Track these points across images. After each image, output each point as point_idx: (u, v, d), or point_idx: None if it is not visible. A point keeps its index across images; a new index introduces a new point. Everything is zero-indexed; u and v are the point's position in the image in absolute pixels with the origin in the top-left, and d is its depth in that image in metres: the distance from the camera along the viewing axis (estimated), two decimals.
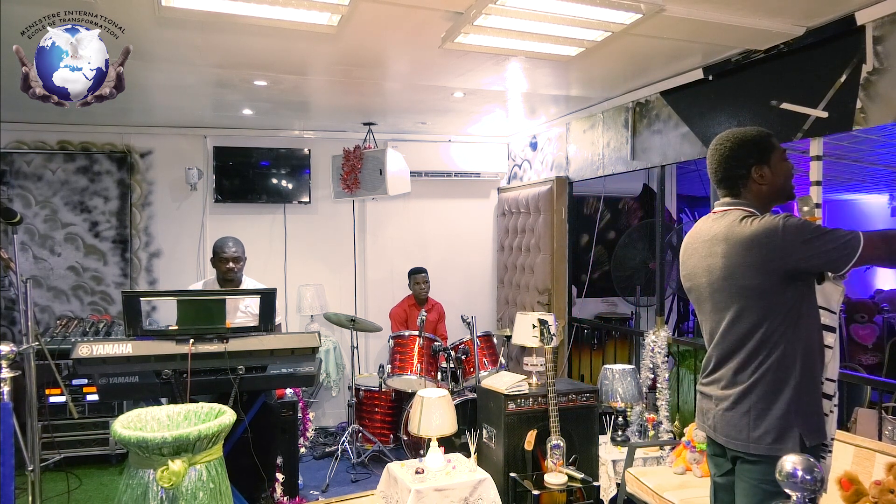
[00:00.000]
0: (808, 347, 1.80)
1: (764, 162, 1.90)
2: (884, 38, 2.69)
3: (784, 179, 1.92)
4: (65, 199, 5.17)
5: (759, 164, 1.90)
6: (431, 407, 3.29)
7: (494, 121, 5.35)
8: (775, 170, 1.90)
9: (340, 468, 4.57)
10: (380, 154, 5.13)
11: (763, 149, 1.91)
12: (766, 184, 1.90)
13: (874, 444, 2.66)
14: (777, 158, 1.91)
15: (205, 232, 5.47)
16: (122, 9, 2.57)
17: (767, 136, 1.93)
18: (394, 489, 3.24)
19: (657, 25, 2.77)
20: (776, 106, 3.20)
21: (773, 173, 1.90)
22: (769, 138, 1.93)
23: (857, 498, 2.46)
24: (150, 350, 2.69)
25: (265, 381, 2.86)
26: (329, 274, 5.84)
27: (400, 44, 3.22)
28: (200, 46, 3.22)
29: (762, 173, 1.90)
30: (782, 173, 1.92)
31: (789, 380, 1.77)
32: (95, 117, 4.93)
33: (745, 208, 1.90)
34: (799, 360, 1.78)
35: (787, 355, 1.77)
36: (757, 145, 1.91)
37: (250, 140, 5.54)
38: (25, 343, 2.97)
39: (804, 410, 1.76)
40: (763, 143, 1.91)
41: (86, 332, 4.70)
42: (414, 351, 4.66)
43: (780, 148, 1.93)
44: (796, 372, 1.77)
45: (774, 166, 1.90)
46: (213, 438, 2.07)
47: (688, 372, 4.87)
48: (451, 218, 6.21)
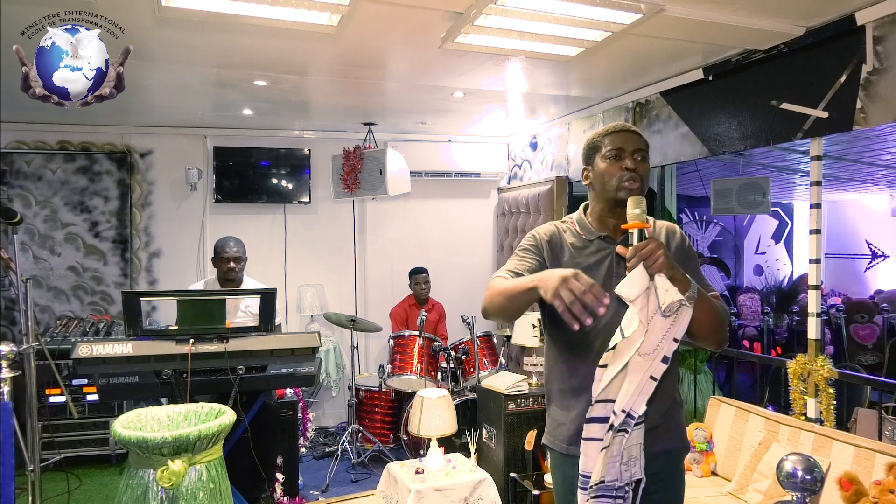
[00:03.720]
0: (552, 360, 1.83)
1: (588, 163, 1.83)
2: (884, 38, 2.69)
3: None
4: (65, 199, 5.16)
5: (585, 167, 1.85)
6: (431, 407, 3.29)
7: (494, 121, 5.35)
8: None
9: (340, 468, 4.57)
10: (380, 154, 5.13)
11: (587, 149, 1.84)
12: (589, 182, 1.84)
13: (874, 444, 2.65)
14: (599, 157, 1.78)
15: (205, 232, 5.47)
16: (122, 9, 2.57)
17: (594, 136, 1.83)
18: (394, 489, 3.24)
19: (657, 25, 2.77)
20: (776, 106, 3.20)
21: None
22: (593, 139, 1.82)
23: (857, 498, 2.46)
24: (150, 350, 2.69)
25: (265, 381, 2.86)
26: (329, 274, 5.84)
27: (400, 44, 3.22)
28: (200, 46, 3.21)
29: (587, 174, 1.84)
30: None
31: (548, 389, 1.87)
32: (95, 117, 4.93)
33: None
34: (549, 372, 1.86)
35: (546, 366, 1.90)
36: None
37: (250, 140, 5.54)
38: (25, 343, 2.97)
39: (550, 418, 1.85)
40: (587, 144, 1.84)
41: (86, 332, 4.70)
42: (414, 351, 4.66)
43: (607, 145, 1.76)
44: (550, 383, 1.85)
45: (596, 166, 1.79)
46: (213, 438, 2.07)
47: (687, 372, 4.87)
48: (451, 218, 6.21)
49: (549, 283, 1.47)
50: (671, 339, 1.58)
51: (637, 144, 1.73)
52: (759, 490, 2.90)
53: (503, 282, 1.68)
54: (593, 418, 1.60)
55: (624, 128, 1.77)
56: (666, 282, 1.55)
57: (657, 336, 1.56)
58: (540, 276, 1.54)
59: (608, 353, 1.56)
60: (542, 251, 1.77)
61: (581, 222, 1.82)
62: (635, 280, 1.55)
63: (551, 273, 1.51)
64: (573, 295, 1.42)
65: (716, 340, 1.74)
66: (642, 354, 1.55)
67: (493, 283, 1.71)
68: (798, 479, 2.46)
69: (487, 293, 1.70)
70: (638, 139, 1.75)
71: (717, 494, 3.06)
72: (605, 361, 1.57)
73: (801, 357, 3.11)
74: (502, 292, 1.64)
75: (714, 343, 1.75)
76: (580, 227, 1.82)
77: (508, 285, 1.64)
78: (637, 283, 1.55)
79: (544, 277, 1.52)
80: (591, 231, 1.79)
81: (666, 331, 1.57)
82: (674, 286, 1.55)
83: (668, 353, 1.58)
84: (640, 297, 1.54)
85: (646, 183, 1.74)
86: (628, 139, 1.74)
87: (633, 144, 1.73)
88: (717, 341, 1.74)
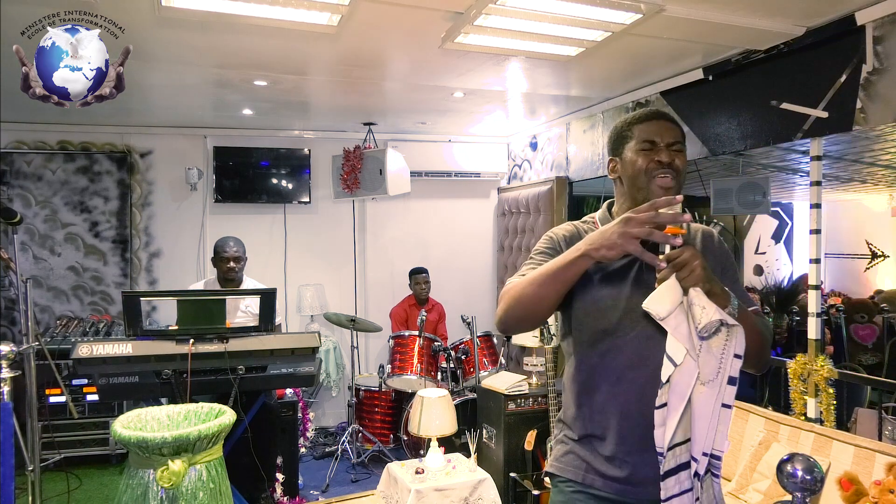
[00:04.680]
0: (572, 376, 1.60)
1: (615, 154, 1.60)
2: (884, 38, 2.69)
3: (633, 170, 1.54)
4: (65, 199, 5.16)
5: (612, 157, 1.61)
6: (431, 407, 3.28)
7: (494, 121, 5.35)
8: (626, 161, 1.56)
9: (340, 468, 4.57)
10: (380, 154, 5.13)
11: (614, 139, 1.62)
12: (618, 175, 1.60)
13: (874, 444, 2.65)
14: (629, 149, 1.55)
15: (205, 232, 5.47)
16: (122, 9, 2.57)
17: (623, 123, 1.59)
18: (394, 489, 3.24)
19: (657, 25, 2.77)
20: (776, 106, 3.20)
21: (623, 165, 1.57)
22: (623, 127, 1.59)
23: (857, 498, 2.46)
24: (150, 350, 2.69)
25: (265, 381, 2.86)
26: (329, 274, 5.84)
27: (400, 44, 3.22)
28: (200, 46, 3.21)
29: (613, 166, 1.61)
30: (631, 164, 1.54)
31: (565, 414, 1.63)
32: (95, 117, 4.93)
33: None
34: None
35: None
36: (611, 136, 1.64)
37: (250, 140, 5.54)
38: (25, 343, 2.97)
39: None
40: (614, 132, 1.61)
41: (86, 332, 4.70)
42: (414, 351, 4.66)
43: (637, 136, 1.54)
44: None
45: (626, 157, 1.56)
46: (213, 438, 2.07)
47: None
48: (451, 218, 6.21)
49: (605, 238, 1.29)
50: (731, 355, 1.31)
51: (673, 135, 1.50)
52: (759, 490, 2.90)
53: (523, 279, 1.46)
54: (671, 470, 1.33)
55: (657, 114, 1.53)
56: (703, 297, 1.30)
57: (715, 357, 1.31)
58: (586, 241, 1.34)
59: (663, 388, 1.33)
60: (562, 250, 1.52)
61: (605, 222, 1.57)
62: (666, 294, 1.31)
63: (599, 231, 1.33)
64: (644, 225, 1.26)
65: (757, 364, 1.50)
66: (705, 383, 1.31)
67: (509, 288, 1.47)
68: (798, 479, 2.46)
69: (503, 300, 1.47)
70: (674, 129, 1.52)
71: None
72: (663, 400, 1.33)
73: (801, 357, 3.11)
74: (529, 284, 1.41)
75: (755, 366, 1.50)
76: (604, 224, 1.57)
77: (535, 275, 1.42)
78: (668, 297, 1.31)
79: (593, 238, 1.32)
80: None
81: (723, 349, 1.31)
82: (711, 303, 1.30)
83: (734, 372, 1.32)
84: (673, 316, 1.30)
85: (682, 179, 1.51)
86: (663, 129, 1.50)
87: (668, 135, 1.49)
88: (758, 364, 1.51)
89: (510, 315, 1.46)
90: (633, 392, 1.43)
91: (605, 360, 1.48)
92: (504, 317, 1.47)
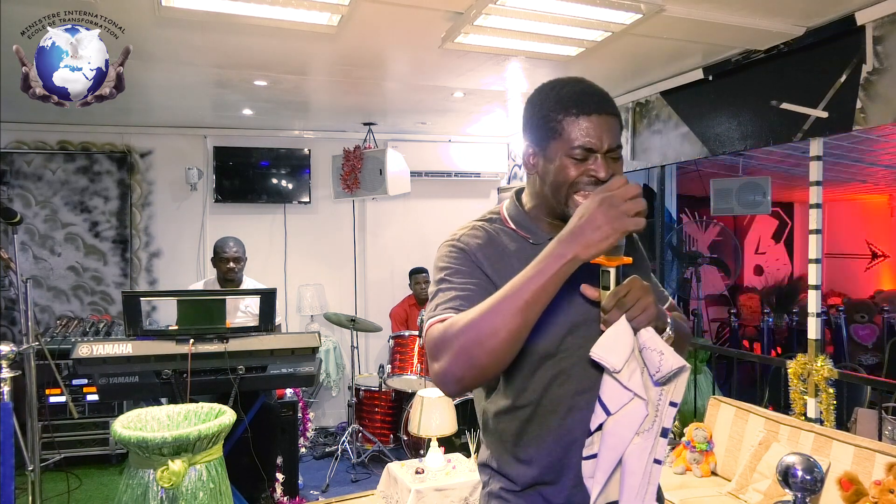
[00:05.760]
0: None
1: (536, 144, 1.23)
2: (884, 38, 2.69)
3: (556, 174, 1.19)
4: (65, 199, 5.16)
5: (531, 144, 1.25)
6: (431, 407, 3.29)
7: (494, 121, 5.35)
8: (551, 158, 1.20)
9: (340, 468, 4.57)
10: (380, 154, 5.13)
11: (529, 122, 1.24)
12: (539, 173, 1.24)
13: (874, 444, 2.65)
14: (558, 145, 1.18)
15: (205, 232, 5.47)
16: (122, 9, 2.57)
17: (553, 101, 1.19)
18: (394, 489, 3.24)
19: (657, 25, 2.77)
20: (776, 106, 3.20)
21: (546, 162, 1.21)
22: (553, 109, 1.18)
23: (857, 498, 2.46)
24: (150, 350, 2.69)
25: (265, 381, 2.87)
26: (329, 274, 5.84)
27: (400, 44, 3.22)
28: (200, 46, 3.21)
29: (535, 160, 1.24)
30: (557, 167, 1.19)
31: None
32: (95, 117, 4.93)
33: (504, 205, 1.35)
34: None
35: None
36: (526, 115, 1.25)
37: (250, 140, 5.54)
38: (25, 343, 2.97)
39: None
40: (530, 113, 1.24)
41: (86, 332, 4.70)
42: (414, 351, 4.66)
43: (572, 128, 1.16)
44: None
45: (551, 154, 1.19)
46: (213, 438, 2.07)
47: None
48: (451, 218, 6.20)
49: (593, 230, 1.01)
50: (667, 403, 1.13)
51: (614, 136, 1.16)
52: (759, 490, 2.90)
53: (471, 313, 1.07)
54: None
55: (596, 105, 1.16)
56: (656, 338, 1.10)
57: (651, 404, 1.12)
58: (566, 240, 1.03)
59: (593, 437, 1.14)
60: (481, 265, 1.21)
61: (519, 219, 1.28)
62: (618, 339, 1.09)
63: (576, 225, 1.03)
64: (635, 209, 1.02)
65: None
66: (640, 433, 1.11)
67: (448, 331, 1.08)
68: (798, 479, 2.46)
69: (443, 349, 1.07)
70: (615, 126, 1.17)
71: (717, 494, 3.07)
72: (593, 451, 1.14)
73: (801, 357, 3.11)
74: (491, 315, 1.04)
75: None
76: (520, 225, 1.27)
77: (495, 302, 1.05)
78: (621, 344, 1.09)
79: (574, 234, 1.03)
80: (538, 232, 1.25)
81: (660, 395, 1.13)
82: (667, 345, 1.10)
83: (667, 423, 1.14)
84: (626, 365, 1.09)
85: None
86: (603, 129, 1.15)
87: (608, 137, 1.15)
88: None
89: (467, 366, 1.05)
90: (587, 422, 1.15)
91: (552, 388, 1.19)
92: (456, 372, 1.06)
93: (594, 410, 1.12)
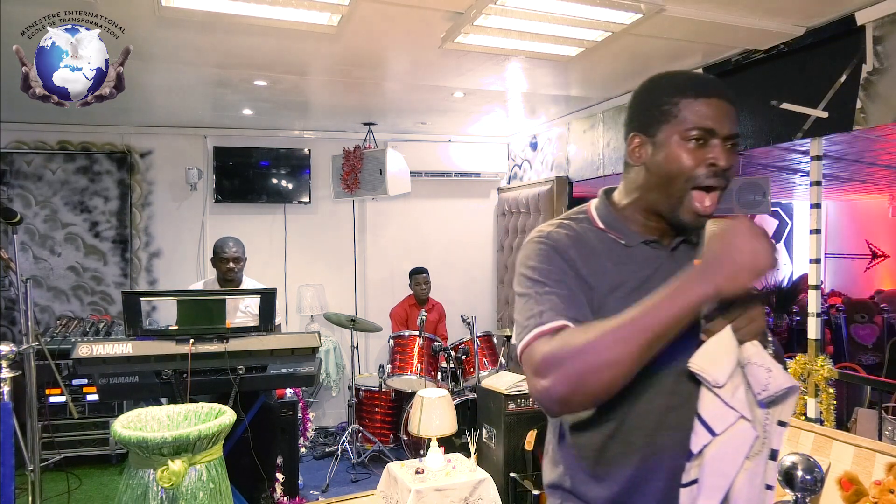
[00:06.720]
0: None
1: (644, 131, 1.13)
2: (884, 38, 2.69)
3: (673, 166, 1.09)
4: (65, 199, 5.16)
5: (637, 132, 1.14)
6: (431, 407, 3.28)
7: (494, 121, 5.35)
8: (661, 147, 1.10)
9: (340, 468, 4.57)
10: (380, 154, 5.13)
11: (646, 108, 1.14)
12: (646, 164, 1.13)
13: (874, 444, 2.65)
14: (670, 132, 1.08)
15: (205, 232, 5.47)
16: (122, 9, 2.57)
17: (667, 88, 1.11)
18: (394, 489, 3.24)
19: (657, 25, 2.77)
20: (776, 106, 3.20)
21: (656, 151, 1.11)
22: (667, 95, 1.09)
23: (857, 498, 2.46)
24: (150, 350, 2.69)
25: (265, 381, 2.86)
26: (329, 274, 5.84)
27: (400, 44, 3.22)
28: (200, 46, 3.21)
29: (641, 149, 1.14)
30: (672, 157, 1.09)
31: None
32: (95, 117, 4.93)
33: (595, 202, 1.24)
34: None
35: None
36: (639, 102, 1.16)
37: (250, 140, 5.54)
38: (25, 343, 2.97)
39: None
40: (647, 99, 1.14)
41: (86, 332, 4.70)
42: (414, 351, 4.66)
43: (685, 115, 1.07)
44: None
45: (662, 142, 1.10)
46: (213, 438, 2.07)
47: None
48: (451, 218, 6.21)
49: (736, 267, 0.91)
50: (776, 422, 1.03)
51: (733, 124, 1.08)
52: None
53: (582, 334, 0.98)
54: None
55: (716, 89, 1.08)
56: (763, 353, 1.00)
57: (758, 424, 1.02)
58: (710, 269, 0.93)
59: (692, 462, 1.03)
60: (574, 264, 1.10)
61: (609, 219, 1.17)
62: (721, 351, 0.99)
63: (720, 251, 0.93)
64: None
65: None
66: (751, 457, 1.01)
67: (559, 345, 1.00)
68: (798, 479, 2.46)
69: (557, 369, 0.98)
70: (734, 115, 1.08)
71: None
72: (691, 477, 1.02)
73: (801, 357, 3.11)
74: (614, 342, 0.94)
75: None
76: (609, 226, 1.16)
77: (621, 327, 0.95)
78: (724, 355, 0.99)
79: (721, 261, 0.92)
80: (631, 233, 1.15)
81: (766, 415, 1.02)
82: (776, 363, 1.01)
83: (776, 444, 1.04)
84: (730, 380, 0.99)
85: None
86: (722, 114, 1.06)
87: (728, 123, 1.07)
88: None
89: (577, 391, 0.97)
90: (678, 442, 1.06)
91: (639, 402, 1.08)
92: (564, 395, 0.98)
93: (694, 430, 1.02)
